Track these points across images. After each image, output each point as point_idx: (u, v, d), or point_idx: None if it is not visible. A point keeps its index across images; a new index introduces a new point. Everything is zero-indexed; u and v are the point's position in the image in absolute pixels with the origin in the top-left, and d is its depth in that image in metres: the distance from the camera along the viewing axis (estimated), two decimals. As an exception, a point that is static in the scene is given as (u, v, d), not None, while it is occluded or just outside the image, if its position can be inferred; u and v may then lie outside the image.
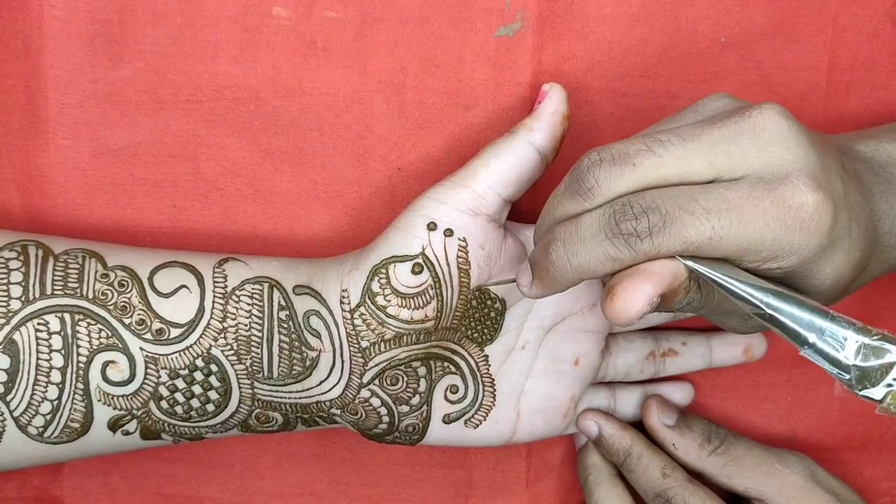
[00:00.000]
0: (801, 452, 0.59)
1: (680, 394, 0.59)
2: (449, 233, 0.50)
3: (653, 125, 0.47)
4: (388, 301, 0.50)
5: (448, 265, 0.50)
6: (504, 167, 0.50)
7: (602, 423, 0.57)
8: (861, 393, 0.39)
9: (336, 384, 0.51)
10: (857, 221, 0.44)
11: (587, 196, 0.43)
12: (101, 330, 0.49)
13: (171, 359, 0.49)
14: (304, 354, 0.51)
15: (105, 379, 0.49)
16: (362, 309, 0.50)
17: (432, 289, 0.50)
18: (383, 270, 0.50)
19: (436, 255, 0.50)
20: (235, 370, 0.50)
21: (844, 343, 0.39)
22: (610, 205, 0.42)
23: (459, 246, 0.50)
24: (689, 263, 0.41)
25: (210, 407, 0.50)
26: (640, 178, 0.42)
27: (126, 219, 0.55)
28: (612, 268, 0.42)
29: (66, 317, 0.48)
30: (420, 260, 0.50)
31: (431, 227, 0.50)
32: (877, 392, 0.39)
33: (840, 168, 0.45)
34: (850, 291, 0.47)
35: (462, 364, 0.53)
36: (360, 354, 0.50)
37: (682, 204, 0.41)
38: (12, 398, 0.48)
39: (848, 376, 0.39)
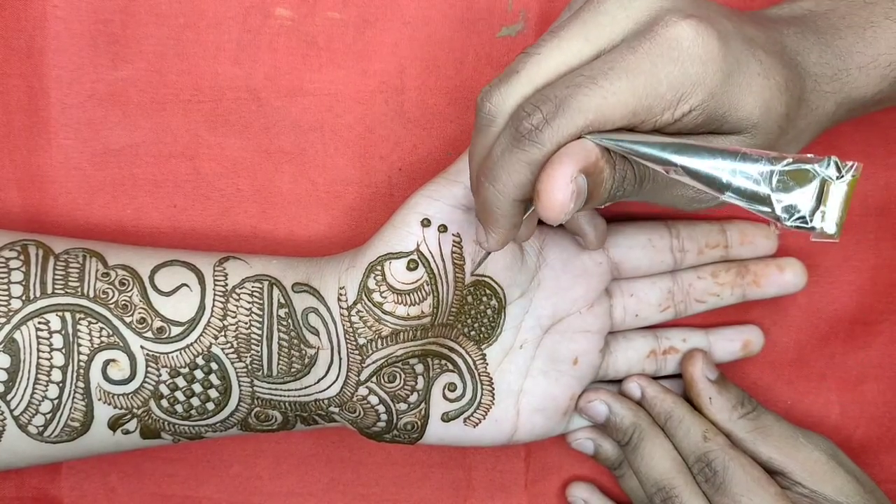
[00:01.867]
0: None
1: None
2: (443, 229, 0.50)
3: None
4: (385, 298, 0.50)
5: (443, 261, 0.50)
6: None
7: (645, 385, 0.57)
8: (791, 224, 0.37)
9: (334, 382, 0.51)
10: (762, 49, 0.43)
11: (490, 122, 0.43)
12: (101, 329, 0.49)
13: (172, 357, 0.49)
14: (303, 352, 0.51)
15: (106, 378, 0.49)
16: (359, 306, 0.50)
17: (428, 285, 0.50)
18: (379, 267, 0.50)
19: (430, 251, 0.50)
20: (235, 368, 0.50)
21: (761, 178, 0.37)
22: (510, 118, 0.42)
23: (454, 241, 0.50)
24: (596, 139, 0.41)
25: (210, 405, 0.50)
26: (528, 83, 0.42)
27: (127, 219, 0.55)
28: (529, 171, 0.41)
29: (67, 316, 0.48)
30: (415, 256, 0.50)
31: (425, 223, 0.50)
32: (810, 217, 0.37)
33: (725, 11, 0.44)
34: (801, 132, 0.47)
35: (459, 362, 0.53)
36: (357, 352, 0.50)
37: (569, 82, 0.41)
38: (13, 397, 0.48)
39: (771, 209, 0.37)
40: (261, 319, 0.50)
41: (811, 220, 0.36)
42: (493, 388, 0.54)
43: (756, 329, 0.59)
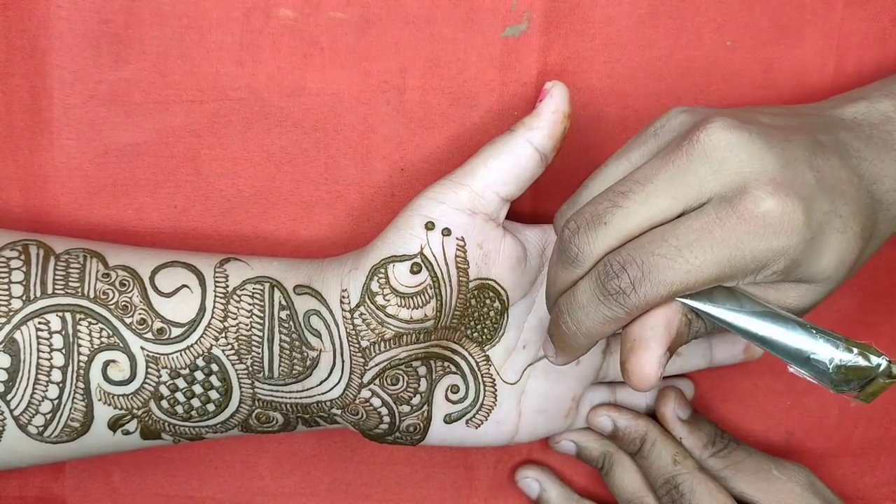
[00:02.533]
0: (800, 455, 0.59)
1: (683, 388, 0.59)
2: (447, 232, 0.50)
3: (617, 151, 0.48)
4: (388, 301, 0.50)
5: (446, 264, 0.50)
6: (502, 166, 0.50)
7: (616, 416, 0.57)
8: (836, 392, 0.43)
9: (336, 384, 0.51)
10: (842, 199, 0.44)
11: (575, 264, 0.44)
12: (101, 329, 0.49)
13: (172, 358, 0.49)
14: (305, 354, 0.51)
15: (106, 378, 0.49)
16: (362, 309, 0.50)
17: (431, 288, 0.50)
18: (382, 270, 0.50)
19: (434, 255, 0.50)
20: (236, 370, 0.50)
21: (829, 364, 0.42)
22: (595, 268, 0.44)
23: (458, 245, 0.50)
24: (683, 301, 0.44)
25: (210, 407, 0.50)
26: (615, 234, 0.44)
27: (128, 219, 0.55)
28: (614, 327, 0.44)
29: (67, 316, 0.48)
30: (418, 260, 0.50)
31: (429, 226, 0.50)
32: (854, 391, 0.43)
33: (808, 154, 0.45)
34: (865, 257, 0.48)
35: (462, 364, 0.53)
36: (360, 354, 0.50)
37: (654, 249, 0.42)
38: (13, 397, 0.48)
39: (829, 386, 0.43)
40: (262, 321, 0.50)
41: (859, 397, 0.43)
42: (496, 390, 0.54)
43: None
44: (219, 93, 0.54)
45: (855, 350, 0.42)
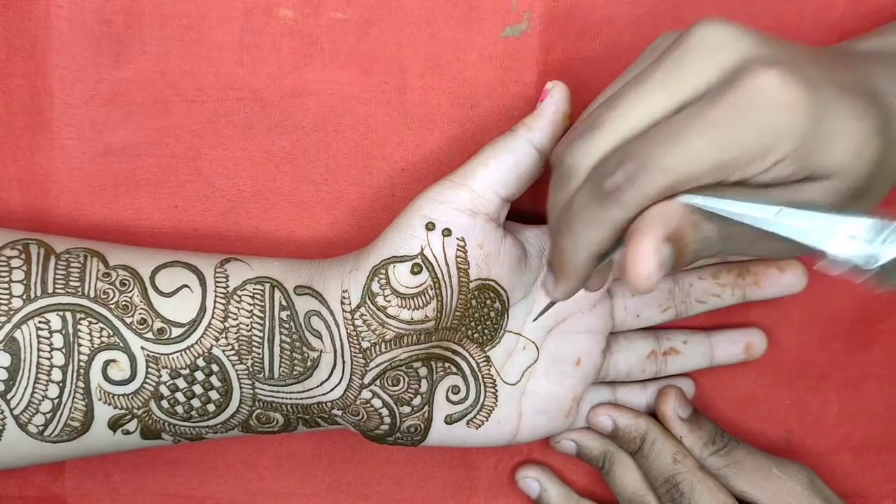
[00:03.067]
0: (800, 454, 0.59)
1: (684, 387, 0.59)
2: (447, 232, 0.50)
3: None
4: (389, 301, 0.50)
5: (447, 265, 0.50)
6: (502, 166, 0.50)
7: (616, 416, 0.57)
8: (890, 284, 0.38)
9: (337, 385, 0.51)
10: (851, 93, 0.42)
11: (571, 176, 0.43)
12: (102, 329, 0.49)
13: (172, 358, 0.49)
14: (306, 355, 0.51)
15: (106, 378, 0.49)
16: (363, 309, 0.50)
17: (432, 289, 0.50)
18: (383, 271, 0.50)
19: (434, 255, 0.50)
20: (236, 370, 0.50)
21: (863, 239, 0.38)
22: (590, 174, 0.42)
23: (458, 245, 0.50)
24: (688, 198, 0.41)
25: (211, 407, 0.50)
26: (610, 138, 0.42)
27: (128, 219, 0.55)
28: (611, 230, 0.42)
29: (68, 315, 0.48)
30: (419, 260, 0.50)
31: (430, 226, 0.50)
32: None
33: (810, 56, 0.43)
34: (892, 175, 0.44)
35: (463, 364, 0.53)
36: (361, 355, 0.50)
37: (652, 139, 0.40)
38: (13, 396, 0.48)
39: (871, 273, 0.38)
40: (262, 321, 0.50)
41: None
42: (496, 390, 0.54)
43: (759, 332, 0.59)
44: (219, 93, 0.54)
45: (890, 221, 0.38)
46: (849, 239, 0.38)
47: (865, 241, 0.38)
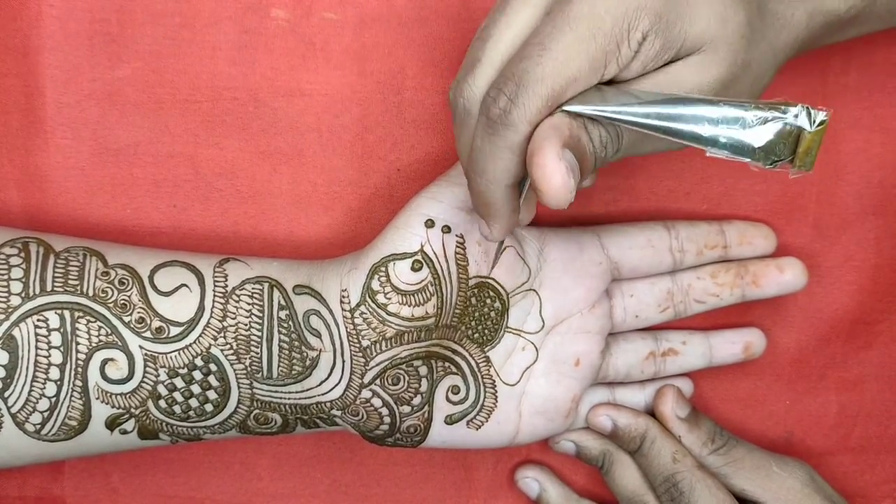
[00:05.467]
0: (799, 454, 0.59)
1: (682, 386, 0.59)
2: (446, 229, 0.50)
3: None
4: (389, 299, 0.50)
5: (447, 261, 0.50)
6: None
7: (615, 416, 0.57)
8: (770, 167, 0.40)
9: (337, 384, 0.51)
10: None
11: (465, 116, 0.43)
12: (100, 327, 0.49)
13: (170, 357, 0.49)
14: (304, 354, 0.50)
15: (104, 377, 0.49)
16: (363, 308, 0.50)
17: (432, 285, 0.50)
18: (383, 269, 0.50)
19: (434, 252, 0.50)
20: (234, 370, 0.50)
21: (743, 125, 0.39)
22: (480, 107, 0.42)
23: (457, 242, 0.50)
24: (570, 108, 0.41)
25: (208, 407, 0.50)
26: (490, 67, 0.42)
27: (126, 219, 0.55)
28: (512, 156, 0.42)
29: (66, 314, 0.48)
30: (419, 257, 0.50)
31: (429, 224, 0.50)
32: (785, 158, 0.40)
33: None
34: (774, 44, 0.46)
35: (463, 364, 0.53)
36: (360, 354, 0.50)
37: (522, 55, 0.41)
38: (10, 394, 0.47)
39: (754, 159, 0.40)
40: (261, 321, 0.50)
41: (792, 165, 0.40)
42: (496, 391, 0.53)
43: (758, 332, 0.59)
44: (214, 92, 0.54)
45: (765, 107, 0.39)
46: (725, 128, 0.39)
47: (740, 128, 0.39)
